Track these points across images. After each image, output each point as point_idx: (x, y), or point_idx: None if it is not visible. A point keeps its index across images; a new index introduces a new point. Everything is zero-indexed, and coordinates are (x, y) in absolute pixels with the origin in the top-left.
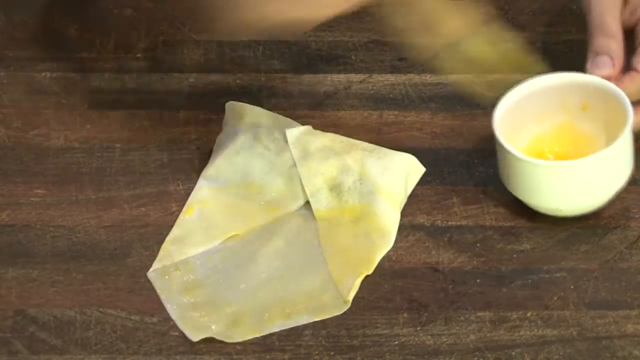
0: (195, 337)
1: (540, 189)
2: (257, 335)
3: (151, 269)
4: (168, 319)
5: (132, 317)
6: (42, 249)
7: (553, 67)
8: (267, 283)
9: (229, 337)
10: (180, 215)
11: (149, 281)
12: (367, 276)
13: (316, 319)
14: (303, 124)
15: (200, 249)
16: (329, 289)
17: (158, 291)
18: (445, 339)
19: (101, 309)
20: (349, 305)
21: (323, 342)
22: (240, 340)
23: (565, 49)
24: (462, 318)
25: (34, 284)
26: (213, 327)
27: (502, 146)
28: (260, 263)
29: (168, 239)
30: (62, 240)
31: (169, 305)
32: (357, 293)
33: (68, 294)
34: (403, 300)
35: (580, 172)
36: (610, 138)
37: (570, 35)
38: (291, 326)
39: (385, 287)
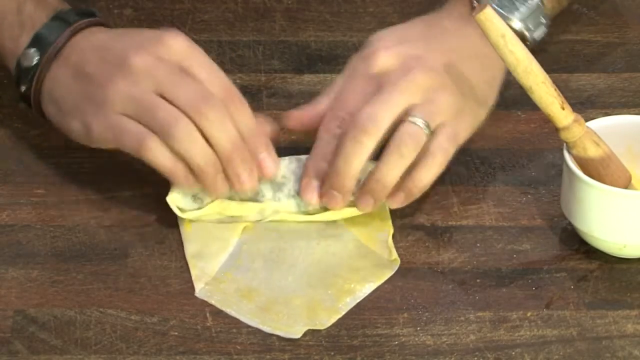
0: (296, 334)
1: (607, 219)
2: (339, 316)
3: (197, 290)
4: (168, 318)
5: (132, 317)
6: (42, 249)
7: (552, 68)
8: (310, 268)
9: (321, 324)
10: (181, 229)
11: (149, 281)
12: None
13: (378, 284)
14: None
15: (225, 255)
16: (367, 257)
17: (219, 306)
18: (445, 339)
19: (101, 309)
20: (399, 262)
21: (323, 342)
22: (331, 323)
23: (565, 49)
24: (462, 318)
25: (34, 283)
26: (299, 321)
27: (572, 172)
28: (290, 253)
29: (189, 256)
30: (62, 240)
31: (242, 317)
32: None
33: (68, 294)
34: (403, 300)
35: None
36: None
37: (570, 35)
38: (360, 299)
39: (385, 287)
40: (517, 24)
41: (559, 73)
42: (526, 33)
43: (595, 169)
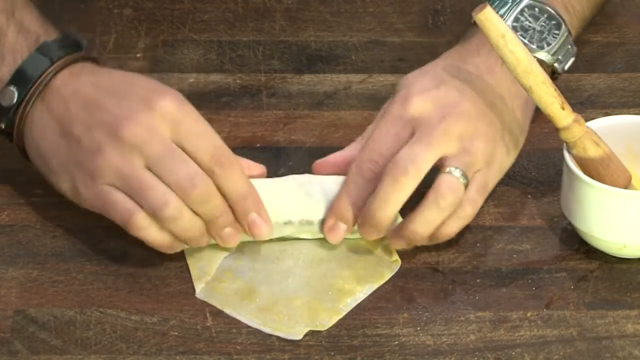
0: (297, 335)
1: (607, 219)
2: (340, 316)
3: (197, 291)
4: (168, 318)
5: (132, 317)
6: (42, 249)
7: None
8: (310, 269)
9: (322, 325)
10: None
11: (148, 281)
12: None
13: (378, 285)
14: (303, 124)
15: (224, 254)
16: (368, 258)
17: (219, 307)
18: (445, 339)
19: (101, 309)
20: (399, 264)
21: (323, 342)
22: (332, 324)
23: None
24: (462, 318)
25: (34, 284)
26: (300, 322)
27: (572, 172)
28: (290, 253)
29: (189, 256)
30: (62, 240)
31: (242, 318)
32: None
33: (68, 294)
34: (403, 300)
35: None
36: None
37: None
38: (360, 300)
39: (386, 287)
40: (549, 58)
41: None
42: (557, 66)
43: (595, 169)
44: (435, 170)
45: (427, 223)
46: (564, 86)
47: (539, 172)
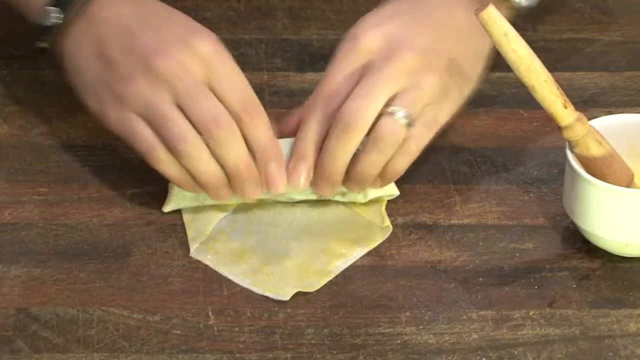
0: (286, 296)
1: (610, 218)
2: (331, 278)
3: (192, 250)
4: (170, 317)
5: (135, 316)
6: (45, 247)
7: (555, 66)
8: (304, 233)
9: (311, 286)
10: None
11: (151, 279)
12: (368, 275)
13: (369, 249)
14: None
15: (220, 216)
16: (360, 222)
17: (212, 266)
18: (447, 338)
19: (103, 308)
20: (390, 229)
21: (325, 340)
22: (318, 287)
23: (568, 47)
24: (464, 317)
25: (37, 282)
26: (289, 283)
27: (574, 171)
28: (285, 217)
29: (186, 219)
30: (65, 239)
31: (234, 278)
32: (359, 292)
33: (70, 292)
34: (405, 299)
35: None
36: None
37: (573, 34)
38: (350, 263)
39: (388, 286)
40: None
41: (562, 71)
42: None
43: (598, 168)
44: None
45: (372, 164)
46: (567, 85)
47: (541, 170)
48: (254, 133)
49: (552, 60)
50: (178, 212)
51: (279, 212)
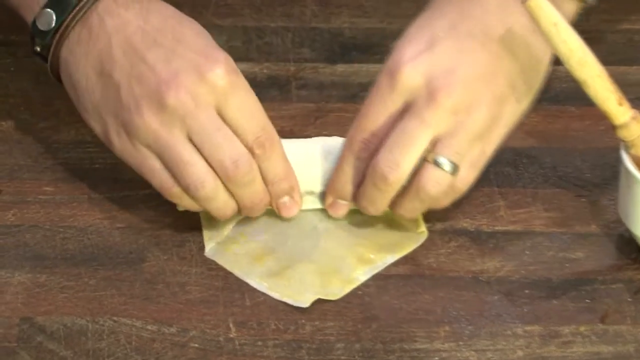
0: (305, 302)
1: None
2: (355, 285)
3: (206, 250)
4: (187, 329)
5: (149, 327)
6: (51, 251)
7: (609, 60)
8: (329, 235)
9: (333, 294)
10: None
11: (167, 288)
12: (403, 285)
13: (398, 257)
14: (336, 118)
15: (239, 216)
16: (392, 226)
17: (228, 268)
18: (490, 355)
19: (115, 318)
20: (426, 235)
21: (357, 356)
22: (341, 296)
23: (623, 39)
24: (508, 332)
25: (42, 289)
26: (310, 289)
27: (630, 173)
28: (310, 218)
29: (203, 219)
30: (73, 243)
31: (251, 281)
32: (394, 303)
33: (79, 301)
34: (444, 312)
35: None
36: None
37: (628, 24)
38: (377, 271)
39: (425, 298)
40: None
41: (616, 65)
42: None
43: None
44: None
45: (413, 210)
46: (621, 79)
47: (593, 173)
48: (268, 167)
49: (605, 52)
50: (196, 213)
51: (303, 213)
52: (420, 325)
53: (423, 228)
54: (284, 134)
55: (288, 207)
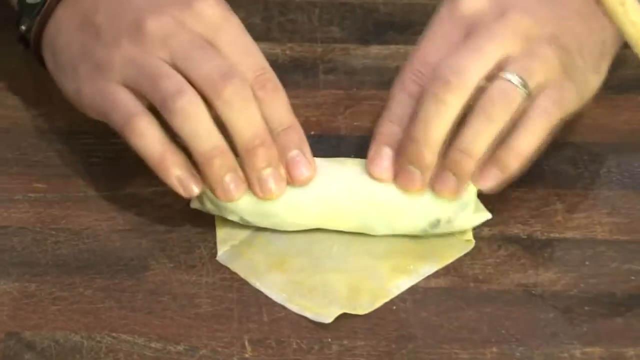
0: (328, 317)
1: None
2: (388, 299)
3: (219, 254)
4: (197, 347)
5: (152, 345)
6: (42, 257)
7: None
8: (360, 240)
9: (362, 308)
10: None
11: (173, 300)
12: (445, 299)
13: (439, 267)
14: (369, 107)
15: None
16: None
17: (243, 275)
18: None
19: (114, 334)
20: (472, 244)
21: None
22: (370, 310)
23: None
24: (565, 354)
25: (31, 300)
26: (335, 302)
27: None
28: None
29: (217, 218)
30: (67, 247)
31: (267, 291)
32: (433, 320)
33: (73, 314)
34: (492, 330)
35: None
36: None
37: None
38: (414, 283)
39: (470, 314)
40: None
41: None
42: None
43: None
44: None
45: (477, 137)
46: None
47: None
48: (271, 112)
49: None
50: (209, 215)
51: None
52: (464, 345)
53: (470, 236)
54: (309, 124)
55: (299, 164)
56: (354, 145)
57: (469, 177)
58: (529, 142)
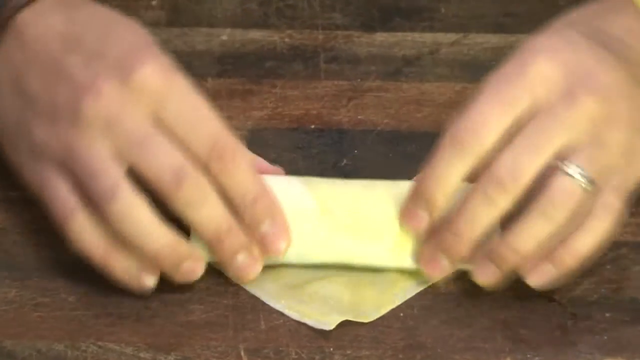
0: (329, 324)
1: None
2: (395, 305)
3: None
4: (189, 357)
5: (141, 355)
6: (23, 260)
7: None
8: None
9: (365, 315)
10: None
11: (163, 306)
12: (455, 306)
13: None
14: (374, 99)
15: None
16: None
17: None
18: None
19: (99, 343)
20: None
21: None
22: (376, 317)
23: None
24: None
25: (11, 307)
26: (336, 309)
27: None
28: None
29: None
30: (49, 250)
31: (264, 297)
32: (443, 328)
33: (56, 321)
34: (506, 339)
35: None
36: None
37: None
38: (423, 288)
39: (482, 322)
40: None
41: None
42: None
43: None
44: None
45: (531, 237)
46: None
47: None
48: (232, 184)
49: None
50: None
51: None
52: (476, 355)
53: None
54: (309, 117)
55: (272, 238)
56: (358, 141)
57: (512, 270)
58: (590, 242)
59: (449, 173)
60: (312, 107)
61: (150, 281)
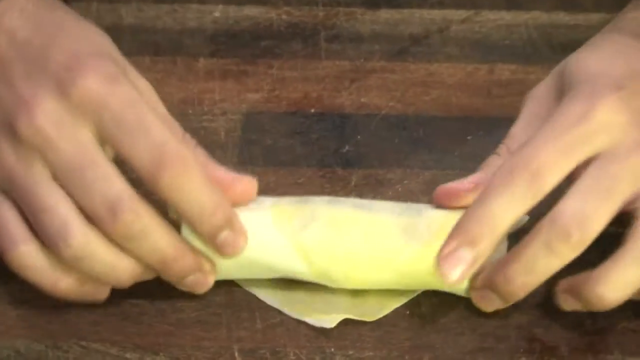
0: (329, 323)
1: None
2: (400, 304)
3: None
4: (178, 358)
5: (128, 355)
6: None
7: None
8: None
9: (369, 313)
10: None
11: (151, 304)
12: (466, 304)
13: None
14: (378, 81)
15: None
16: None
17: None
18: None
19: (83, 343)
20: (506, 245)
21: None
22: (380, 316)
23: None
24: None
25: None
26: (338, 306)
27: None
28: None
29: None
30: None
31: (260, 294)
32: (453, 327)
33: (37, 319)
34: (521, 339)
35: None
36: None
37: None
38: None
39: (494, 321)
40: None
41: None
42: None
43: None
44: None
45: (625, 286)
46: None
47: None
48: (184, 197)
49: None
50: None
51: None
52: (489, 356)
53: None
54: (309, 100)
55: (232, 243)
56: (361, 126)
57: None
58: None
59: (503, 217)
60: (312, 89)
61: (104, 294)
